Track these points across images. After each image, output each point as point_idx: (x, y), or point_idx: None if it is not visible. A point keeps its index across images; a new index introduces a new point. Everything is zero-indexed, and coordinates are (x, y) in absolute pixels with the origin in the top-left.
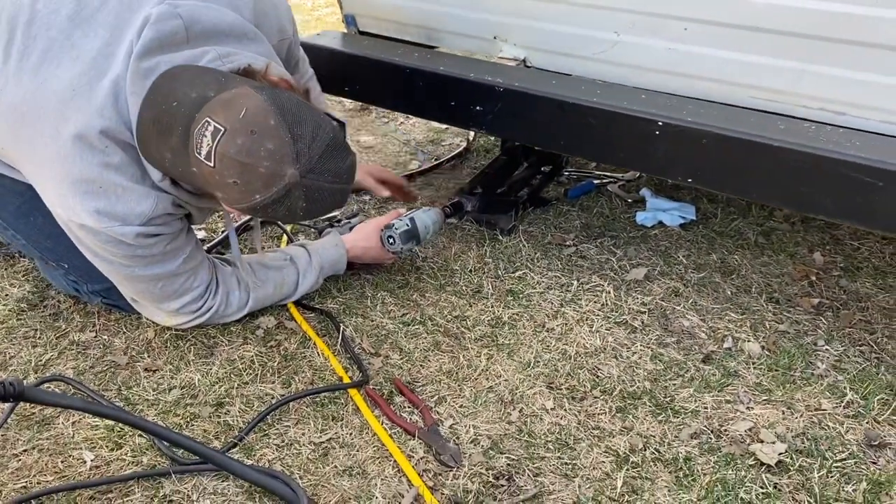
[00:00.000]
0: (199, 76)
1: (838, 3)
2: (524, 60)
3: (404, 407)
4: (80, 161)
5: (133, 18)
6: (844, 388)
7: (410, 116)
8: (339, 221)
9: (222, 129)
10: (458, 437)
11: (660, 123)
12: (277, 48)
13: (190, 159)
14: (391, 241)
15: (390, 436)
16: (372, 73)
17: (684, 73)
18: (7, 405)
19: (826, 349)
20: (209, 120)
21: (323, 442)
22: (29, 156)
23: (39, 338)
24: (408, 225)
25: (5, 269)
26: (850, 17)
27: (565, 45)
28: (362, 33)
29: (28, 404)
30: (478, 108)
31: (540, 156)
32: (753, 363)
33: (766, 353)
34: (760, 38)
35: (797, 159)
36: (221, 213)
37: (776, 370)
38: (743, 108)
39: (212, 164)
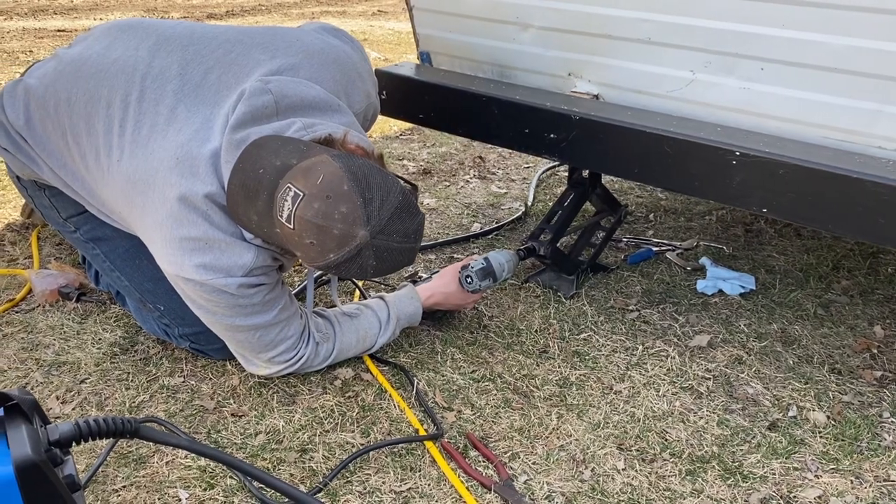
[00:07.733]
0: (284, 146)
1: None
2: (597, 96)
3: (478, 461)
4: (186, 221)
5: (230, 94)
6: None
7: (471, 180)
8: (420, 277)
9: (301, 194)
10: (532, 493)
11: (737, 153)
12: (365, 110)
13: (273, 221)
14: (469, 280)
15: (467, 488)
16: (448, 101)
17: (757, 112)
18: (107, 443)
19: (892, 421)
20: (290, 186)
21: (403, 491)
22: (141, 219)
23: (132, 381)
24: (483, 264)
25: (97, 315)
26: None
27: (640, 82)
28: None
29: (125, 443)
30: (552, 135)
31: (605, 189)
32: (819, 432)
33: (832, 422)
34: (837, 79)
35: (876, 191)
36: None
37: (843, 440)
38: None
39: (291, 227)
